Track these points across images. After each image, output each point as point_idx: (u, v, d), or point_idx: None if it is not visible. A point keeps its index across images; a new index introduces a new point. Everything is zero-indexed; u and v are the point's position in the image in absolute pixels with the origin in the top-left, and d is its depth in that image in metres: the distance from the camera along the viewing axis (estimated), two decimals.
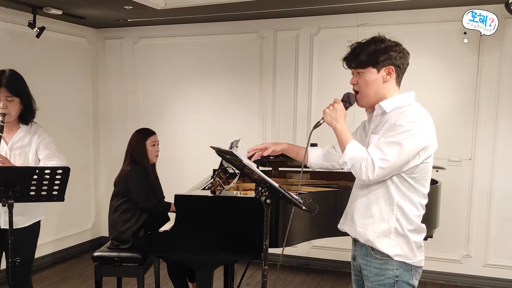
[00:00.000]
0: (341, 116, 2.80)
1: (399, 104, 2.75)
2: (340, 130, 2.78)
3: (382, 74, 2.76)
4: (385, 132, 2.66)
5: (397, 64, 2.77)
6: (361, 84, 2.82)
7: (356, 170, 2.65)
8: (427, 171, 2.75)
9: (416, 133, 2.58)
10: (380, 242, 2.73)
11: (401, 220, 2.70)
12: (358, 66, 2.80)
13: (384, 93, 2.78)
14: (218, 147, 3.21)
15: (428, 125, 2.67)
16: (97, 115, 7.58)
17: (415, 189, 2.72)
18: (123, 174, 4.86)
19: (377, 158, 2.59)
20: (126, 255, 4.67)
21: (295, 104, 6.52)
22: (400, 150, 2.56)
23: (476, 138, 5.87)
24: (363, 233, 2.79)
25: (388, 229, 2.71)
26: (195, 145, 7.04)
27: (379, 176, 2.60)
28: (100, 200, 7.63)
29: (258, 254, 3.12)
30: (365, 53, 2.76)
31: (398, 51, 2.77)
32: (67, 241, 7.08)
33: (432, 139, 2.69)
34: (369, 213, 2.77)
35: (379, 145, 2.62)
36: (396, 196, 2.70)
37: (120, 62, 7.46)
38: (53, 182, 3.67)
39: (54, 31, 6.55)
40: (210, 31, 6.86)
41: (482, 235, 5.96)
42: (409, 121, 2.60)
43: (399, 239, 2.71)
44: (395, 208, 2.70)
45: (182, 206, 3.84)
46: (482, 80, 5.77)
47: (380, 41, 2.79)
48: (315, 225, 4.03)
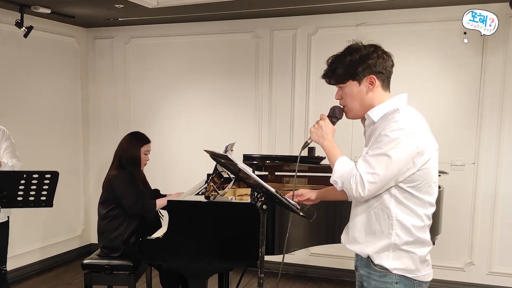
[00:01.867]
0: (328, 132, 2.77)
1: (387, 111, 2.69)
2: (327, 147, 2.76)
3: (365, 85, 2.71)
4: (372, 144, 2.62)
5: (378, 71, 2.70)
6: (345, 98, 2.78)
7: (347, 188, 2.62)
8: (429, 176, 2.66)
9: (404, 141, 2.52)
10: (379, 257, 2.69)
11: (401, 234, 2.64)
12: (337, 82, 2.77)
13: (370, 102, 2.74)
14: (212, 151, 3.21)
15: (419, 128, 2.61)
16: (86, 118, 7.57)
17: (418, 198, 2.64)
18: (109, 179, 4.86)
19: (364, 172, 2.55)
20: (117, 262, 4.67)
21: (292, 106, 6.53)
22: (388, 162, 2.52)
23: (480, 142, 5.86)
24: (363, 250, 2.75)
25: (388, 244, 2.67)
26: (189, 149, 7.04)
27: (372, 191, 2.57)
28: (90, 205, 7.61)
29: (253, 261, 3.13)
30: (341, 67, 2.72)
31: (376, 57, 2.70)
32: (55, 248, 7.07)
33: (426, 143, 2.61)
34: (369, 229, 2.73)
35: (366, 158, 2.58)
36: (395, 210, 2.63)
37: (110, 62, 7.46)
38: (41, 187, 3.68)
39: (42, 30, 6.56)
40: (204, 31, 6.87)
41: (486, 242, 5.95)
42: (394, 129, 2.54)
43: (399, 253, 2.67)
44: (395, 223, 2.64)
45: (175, 212, 3.84)
46: (486, 82, 5.77)
47: (355, 50, 2.72)
48: (313, 232, 4.04)
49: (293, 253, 5.64)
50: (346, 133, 5.85)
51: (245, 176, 2.94)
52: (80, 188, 7.55)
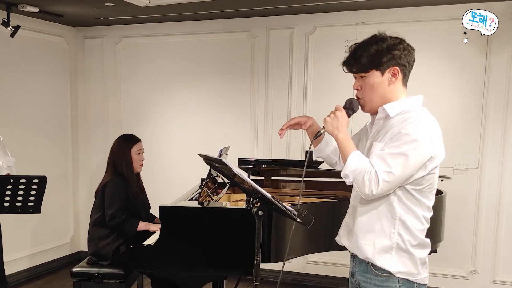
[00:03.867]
0: (344, 124, 2.75)
1: (405, 108, 2.72)
2: (342, 140, 2.74)
3: (387, 76, 2.72)
4: (390, 142, 2.62)
5: (403, 63, 2.73)
6: (365, 89, 2.78)
7: (358, 184, 2.62)
8: (433, 182, 2.72)
9: (423, 143, 2.55)
10: (381, 259, 2.70)
11: (404, 235, 2.67)
12: (360, 70, 2.76)
13: (390, 96, 2.75)
14: (206, 155, 3.22)
15: (436, 134, 2.64)
16: (76, 120, 7.57)
17: (419, 201, 2.68)
18: (102, 184, 4.86)
19: (381, 170, 2.55)
20: (107, 270, 4.68)
21: (289, 108, 6.53)
22: (406, 162, 2.53)
23: (484, 145, 5.86)
24: (362, 249, 2.76)
25: (390, 245, 2.68)
26: (182, 153, 7.05)
27: (384, 190, 2.57)
28: (80, 211, 7.61)
29: (249, 270, 3.14)
30: (366, 55, 2.71)
31: (402, 49, 2.73)
32: (43, 255, 7.05)
33: (440, 149, 2.66)
34: (370, 227, 2.74)
35: (383, 156, 2.58)
36: (399, 210, 2.66)
37: (100, 63, 7.46)
38: (28, 192, 3.68)
39: (29, 30, 6.55)
40: (198, 30, 6.87)
41: (490, 249, 5.95)
42: (415, 129, 2.56)
43: (401, 255, 2.69)
44: (397, 222, 2.67)
45: (168, 219, 3.84)
46: (490, 82, 5.77)
47: (381, 40, 2.74)
48: (310, 239, 4.05)
49: (290, 261, 5.64)
50: None
51: (240, 181, 2.95)
52: (69, 193, 7.53)
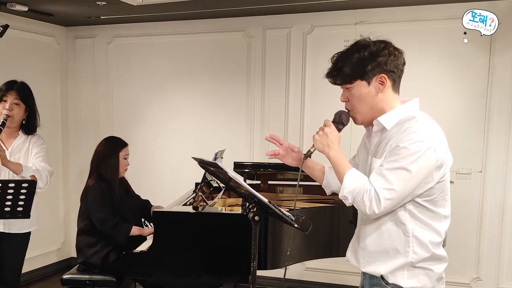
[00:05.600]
0: (334, 141, 2.70)
1: (401, 117, 2.62)
2: (333, 157, 2.69)
3: (375, 85, 2.61)
4: (388, 156, 2.54)
5: (390, 69, 2.61)
6: (352, 101, 2.69)
7: (358, 205, 2.55)
8: (445, 189, 2.65)
9: (425, 155, 2.47)
10: (394, 276, 2.63)
11: (419, 252, 2.59)
12: (344, 82, 2.67)
13: (381, 106, 2.65)
14: (201, 158, 3.22)
15: (438, 140, 2.56)
16: (66, 122, 7.57)
17: (434, 213, 2.60)
18: (86, 189, 4.83)
19: (381, 188, 2.47)
20: (98, 278, 4.66)
21: (287, 110, 6.54)
22: (407, 177, 2.45)
23: (487, 148, 5.85)
24: (375, 270, 2.69)
25: (405, 263, 2.60)
26: (175, 156, 7.04)
27: (387, 208, 2.50)
28: (70, 216, 7.59)
29: (245, 276, 3.14)
30: (348, 65, 2.61)
31: (387, 54, 2.60)
32: (32, 262, 6.99)
33: (445, 155, 2.59)
34: (382, 248, 2.66)
35: (382, 172, 2.50)
36: (411, 225, 2.58)
37: (92, 63, 7.46)
38: (17, 196, 3.67)
39: (19, 29, 6.54)
40: (192, 30, 6.88)
41: (494, 255, 5.95)
42: (414, 141, 2.47)
43: (416, 270, 2.61)
44: (411, 240, 2.58)
45: (161, 224, 3.85)
46: (494, 83, 5.75)
47: (363, 47, 2.62)
48: (308, 245, 4.05)
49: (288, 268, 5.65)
50: (344, 137, 5.85)
51: (236, 185, 2.95)
52: (59, 197, 7.52)
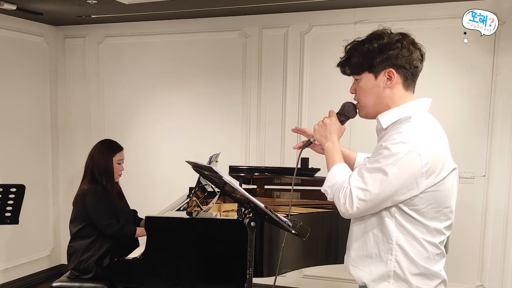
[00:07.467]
0: (333, 132, 2.69)
1: (399, 117, 2.54)
2: (327, 149, 2.68)
3: (382, 79, 2.54)
4: (372, 156, 2.52)
5: (400, 65, 2.53)
6: (359, 93, 2.65)
7: (336, 201, 2.53)
8: (438, 201, 2.52)
9: (405, 158, 2.36)
10: (377, 287, 2.56)
11: (402, 262, 2.49)
12: (352, 72, 2.63)
13: (387, 102, 2.58)
14: (195, 162, 3.22)
15: (428, 144, 2.45)
16: (56, 125, 7.55)
17: (423, 224, 2.48)
18: (80, 194, 4.85)
19: (355, 187, 2.43)
20: (89, 285, 4.66)
21: (284, 112, 6.54)
22: (384, 179, 2.38)
23: (491, 152, 5.84)
24: (359, 275, 2.64)
25: (387, 272, 2.52)
26: (169, 160, 7.04)
27: (361, 210, 2.44)
28: (60, 222, 7.58)
29: (240, 284, 3.13)
30: (357, 56, 2.57)
31: (399, 47, 2.52)
32: (20, 270, 7.01)
33: (437, 162, 2.48)
34: (366, 252, 2.60)
35: (361, 171, 2.46)
36: (395, 233, 2.48)
37: (82, 64, 7.45)
38: (5, 201, 3.67)
39: (7, 28, 6.55)
40: (186, 29, 6.88)
41: (498, 263, 5.94)
42: (397, 141, 2.39)
43: (400, 284, 2.51)
44: (394, 248, 2.49)
45: (154, 230, 3.85)
46: (498, 84, 5.75)
47: (376, 37, 2.55)
48: (306, 251, 4.05)
49: (285, 275, 5.64)
50: (344, 135, 5.84)
51: (231, 190, 2.95)
52: (48, 202, 7.51)
